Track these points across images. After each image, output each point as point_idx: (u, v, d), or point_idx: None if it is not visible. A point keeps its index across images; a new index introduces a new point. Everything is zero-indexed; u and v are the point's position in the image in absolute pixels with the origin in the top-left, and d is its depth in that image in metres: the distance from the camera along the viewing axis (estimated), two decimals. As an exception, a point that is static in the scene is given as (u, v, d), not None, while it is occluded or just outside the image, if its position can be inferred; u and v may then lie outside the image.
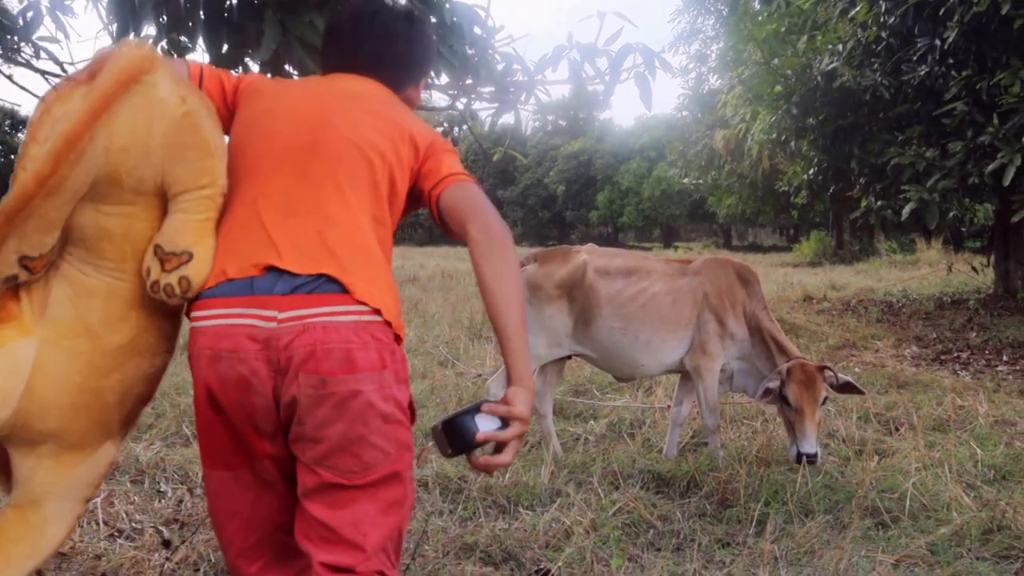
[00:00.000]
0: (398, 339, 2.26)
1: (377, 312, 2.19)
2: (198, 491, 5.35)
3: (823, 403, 5.63)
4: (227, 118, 2.56)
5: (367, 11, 2.66)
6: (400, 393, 2.23)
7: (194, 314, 2.27)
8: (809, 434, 5.51)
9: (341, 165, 2.35)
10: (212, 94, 2.52)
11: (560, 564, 4.34)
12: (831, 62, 14.25)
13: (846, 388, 5.72)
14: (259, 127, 2.45)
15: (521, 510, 5.13)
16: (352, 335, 2.13)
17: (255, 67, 4.29)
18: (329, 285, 2.17)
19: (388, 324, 2.23)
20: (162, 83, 2.27)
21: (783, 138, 16.44)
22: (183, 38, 4.29)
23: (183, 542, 4.47)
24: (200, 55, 4.34)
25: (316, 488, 2.19)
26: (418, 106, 2.84)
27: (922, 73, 12.99)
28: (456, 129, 5.35)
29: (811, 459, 5.46)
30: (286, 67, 4.27)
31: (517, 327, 2.26)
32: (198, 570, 4.21)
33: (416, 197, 2.55)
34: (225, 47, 4.04)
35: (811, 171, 16.65)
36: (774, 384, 5.69)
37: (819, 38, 15.23)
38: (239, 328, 2.15)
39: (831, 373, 5.66)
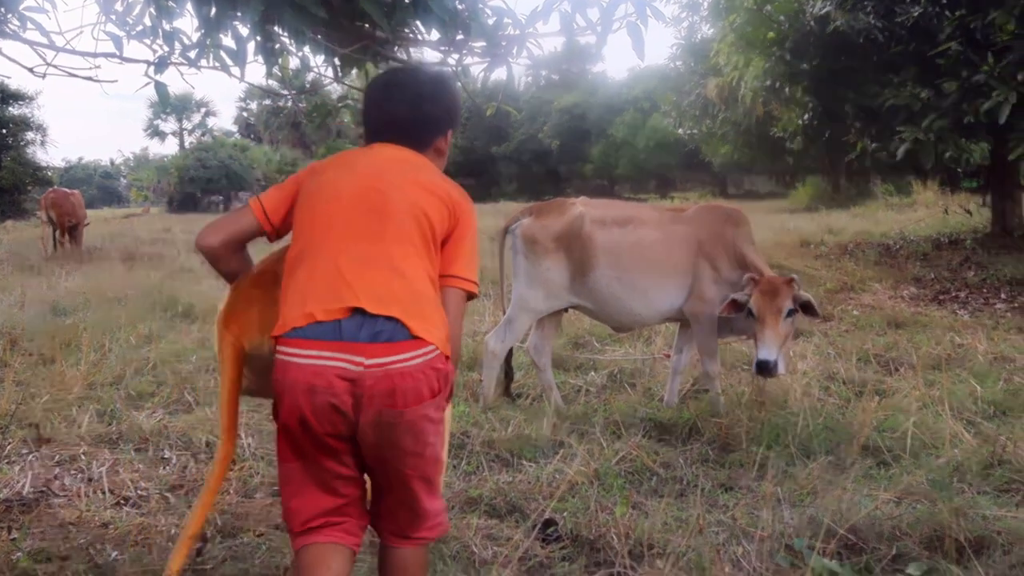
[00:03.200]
0: (447, 358, 2.85)
1: (435, 348, 2.76)
2: (202, 456, 5.39)
3: (789, 315, 5.65)
4: None
5: (395, 80, 3.20)
6: (444, 399, 2.87)
7: (288, 349, 2.76)
8: (769, 342, 5.54)
9: (402, 226, 2.88)
10: (280, 213, 3.13)
11: (565, 514, 4.37)
12: (824, 6, 14.15)
13: (805, 307, 5.74)
14: (324, 195, 2.98)
15: (524, 462, 5.17)
16: (421, 374, 2.72)
17: (244, 29, 4.25)
18: (402, 332, 2.72)
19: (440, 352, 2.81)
20: (228, 340, 3.10)
21: (776, 84, 16.36)
22: (171, 2, 4.25)
23: (189, 507, 4.50)
24: (188, 19, 4.30)
25: (394, 479, 2.86)
26: (446, 152, 3.30)
27: (915, 14, 12.92)
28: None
29: (768, 367, 5.48)
30: (276, 28, 4.24)
31: None
32: (205, 535, 4.26)
33: None
34: (213, 9, 4.01)
35: (805, 116, 16.61)
36: (742, 297, 5.74)
37: (811, -18, 15.12)
38: (331, 369, 2.68)
39: (797, 285, 5.71)
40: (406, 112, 3.11)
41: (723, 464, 5.16)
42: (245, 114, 72.69)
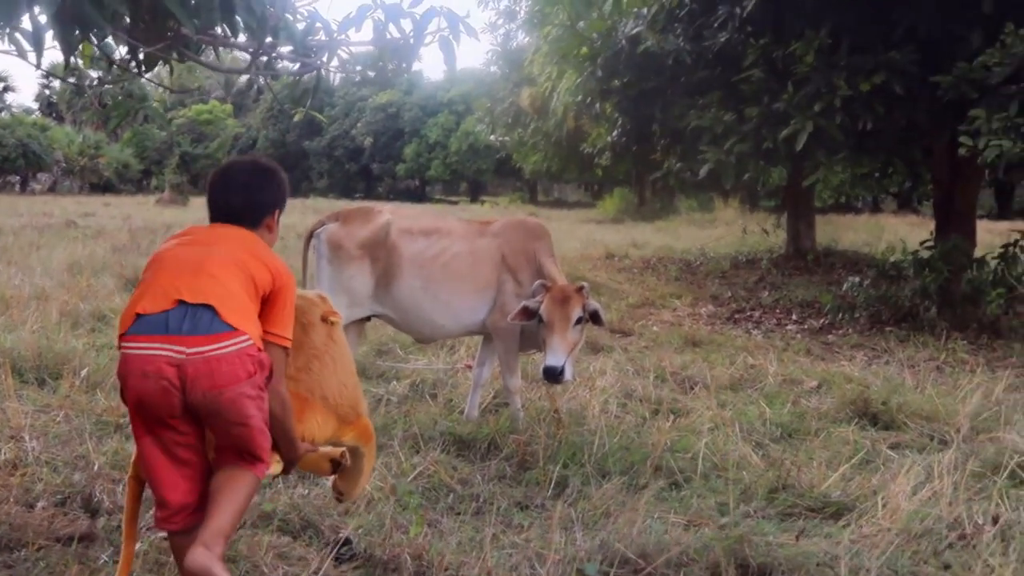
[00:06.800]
0: (260, 349, 3.37)
1: (249, 338, 3.29)
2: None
3: (578, 323, 5.77)
4: None
5: (230, 170, 3.82)
6: (262, 380, 3.35)
7: (127, 344, 3.28)
8: (557, 349, 5.65)
9: (223, 264, 3.43)
10: None
11: (360, 530, 4.32)
12: (635, 26, 14.40)
13: (594, 316, 5.89)
14: (159, 256, 3.55)
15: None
16: (236, 359, 3.24)
17: (43, 18, 4.04)
18: (218, 323, 3.25)
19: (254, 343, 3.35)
20: (131, 485, 3.69)
21: (588, 99, 16.59)
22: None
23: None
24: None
25: (224, 443, 3.35)
26: (276, 229, 3.87)
27: (722, 40, 13.25)
28: (262, 79, 5.20)
29: (554, 373, 5.59)
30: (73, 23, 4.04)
31: (281, 435, 3.56)
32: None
33: None
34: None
35: (614, 133, 16.88)
36: (533, 304, 5.84)
37: (624, 2, 15.36)
38: (160, 357, 3.20)
39: (586, 293, 5.86)
40: (239, 199, 3.69)
41: (520, 482, 5.19)
42: (47, 92, 69.47)
